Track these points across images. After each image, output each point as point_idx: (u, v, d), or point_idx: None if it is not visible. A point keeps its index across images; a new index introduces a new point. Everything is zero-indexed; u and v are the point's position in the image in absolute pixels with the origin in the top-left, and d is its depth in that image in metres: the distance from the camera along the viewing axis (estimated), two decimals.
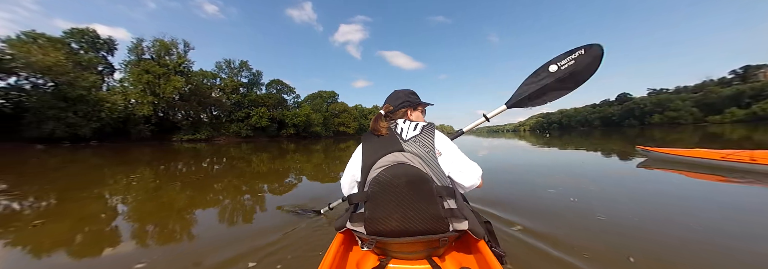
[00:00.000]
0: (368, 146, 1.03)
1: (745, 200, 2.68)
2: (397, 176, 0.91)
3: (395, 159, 0.94)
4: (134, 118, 31.30)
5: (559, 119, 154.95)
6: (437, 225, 0.91)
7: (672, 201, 2.67)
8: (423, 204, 0.90)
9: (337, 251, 0.97)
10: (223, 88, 46.06)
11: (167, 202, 3.14)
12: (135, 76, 32.50)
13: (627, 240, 1.77)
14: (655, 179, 3.82)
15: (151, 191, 3.76)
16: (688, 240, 1.75)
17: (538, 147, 10.78)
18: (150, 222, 2.43)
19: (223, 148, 16.14)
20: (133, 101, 32.41)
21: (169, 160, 8.45)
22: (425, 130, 1.04)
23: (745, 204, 2.53)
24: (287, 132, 50.31)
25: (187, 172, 5.81)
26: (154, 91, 33.07)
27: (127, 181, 4.59)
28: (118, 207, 2.99)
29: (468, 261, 1.00)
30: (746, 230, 1.92)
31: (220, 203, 3.12)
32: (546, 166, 5.48)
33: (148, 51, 35.65)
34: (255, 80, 52.15)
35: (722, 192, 3.03)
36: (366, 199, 0.94)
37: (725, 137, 12.05)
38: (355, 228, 0.98)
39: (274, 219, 2.41)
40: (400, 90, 1.24)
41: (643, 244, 1.70)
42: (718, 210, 2.38)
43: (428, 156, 0.95)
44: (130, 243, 1.97)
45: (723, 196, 2.85)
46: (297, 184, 4.36)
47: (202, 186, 4.05)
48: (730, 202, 2.60)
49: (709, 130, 21.11)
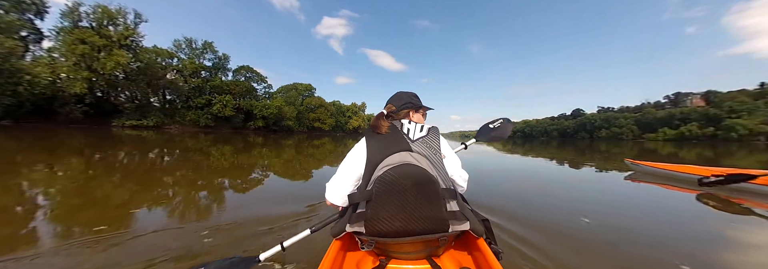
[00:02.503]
0: (373, 144, 1.00)
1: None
2: (404, 176, 0.88)
3: (402, 159, 0.92)
4: (63, 95, 26.07)
5: (522, 128, 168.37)
6: (439, 226, 0.91)
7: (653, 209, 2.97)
8: (427, 205, 0.89)
9: (336, 252, 0.95)
10: (181, 70, 40.66)
11: (101, 198, 2.66)
12: (67, 45, 27.07)
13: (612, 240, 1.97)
14: (641, 192, 3.94)
15: (82, 183, 3.22)
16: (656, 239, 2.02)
17: (508, 154, 11.13)
18: (77, 221, 2.01)
19: (176, 138, 14.81)
20: (63, 76, 26.88)
21: (107, 148, 7.42)
22: (432, 132, 1.05)
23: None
24: (255, 124, 46.26)
25: (130, 163, 5.06)
26: (91, 65, 27.76)
27: (50, 171, 3.89)
28: (36, 201, 2.52)
29: (467, 260, 1.00)
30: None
31: (171, 200, 2.69)
32: (520, 170, 6.15)
33: (86, 18, 29.95)
34: (221, 64, 47.05)
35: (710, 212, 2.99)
36: (369, 198, 0.91)
37: (657, 152, 14.13)
38: (355, 229, 0.94)
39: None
40: (403, 91, 1.24)
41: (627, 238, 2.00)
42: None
43: (435, 157, 0.97)
44: (49, 241, 1.64)
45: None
46: (263, 181, 4.04)
47: (150, 180, 3.58)
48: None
49: (645, 146, 24.39)
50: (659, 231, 2.19)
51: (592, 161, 8.21)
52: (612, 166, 6.69)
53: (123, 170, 4.30)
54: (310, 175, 4.69)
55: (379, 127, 1.04)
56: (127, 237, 1.73)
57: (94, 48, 28.03)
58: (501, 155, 10.34)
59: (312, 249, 1.56)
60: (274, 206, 2.51)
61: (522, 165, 7.36)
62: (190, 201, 2.66)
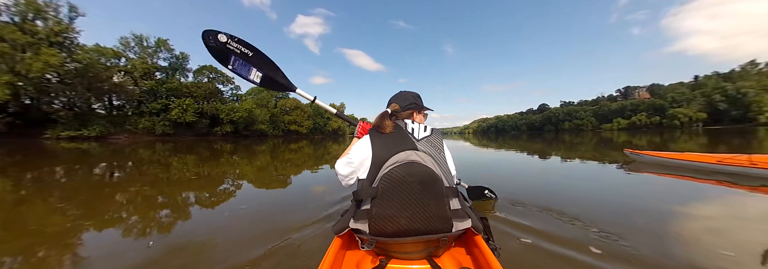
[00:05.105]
0: (378, 142, 0.99)
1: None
2: (410, 174, 0.89)
3: (408, 157, 0.92)
4: None
5: (495, 124, 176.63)
6: (443, 225, 0.91)
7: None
8: (432, 204, 0.90)
9: (336, 252, 0.94)
10: (130, 71, 36.02)
11: (36, 228, 2.09)
12: None
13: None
14: (647, 181, 3.76)
15: (8, 209, 2.70)
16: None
17: (492, 149, 10.90)
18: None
19: (127, 149, 12.69)
20: None
21: (39, 166, 6.33)
22: (435, 132, 1.06)
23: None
24: (223, 130, 42.40)
25: (69, 183, 4.28)
26: (14, 67, 23.32)
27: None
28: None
29: (466, 259, 1.00)
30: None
31: (126, 221, 2.28)
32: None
33: (6, 11, 25.20)
34: (178, 64, 42.61)
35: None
36: (374, 196, 0.90)
37: (614, 140, 14.68)
38: (357, 227, 0.94)
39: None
40: (407, 91, 1.24)
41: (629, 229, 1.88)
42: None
43: (440, 157, 0.97)
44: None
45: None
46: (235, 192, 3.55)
47: (96, 201, 2.97)
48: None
49: (603, 135, 26.23)
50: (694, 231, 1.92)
51: (570, 153, 8.22)
52: (594, 157, 6.50)
53: (60, 189, 3.65)
54: (288, 182, 4.33)
55: (383, 127, 1.03)
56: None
57: (15, 46, 23.58)
58: (482, 151, 9.91)
59: (312, 248, 1.57)
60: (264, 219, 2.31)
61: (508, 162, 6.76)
62: (150, 221, 2.31)
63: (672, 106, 78.34)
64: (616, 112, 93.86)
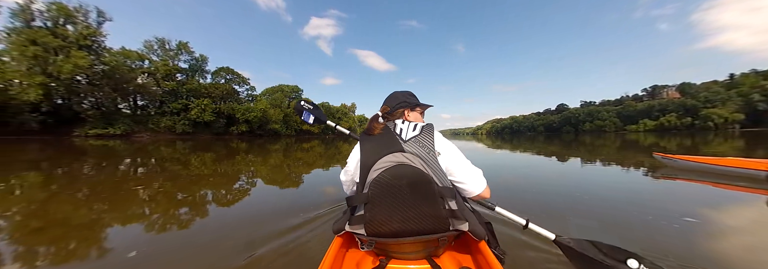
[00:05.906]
0: (366, 146, 0.98)
1: None
2: (398, 177, 0.87)
3: (395, 159, 0.90)
4: (14, 104, 22.98)
5: (510, 124, 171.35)
6: (438, 225, 0.90)
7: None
8: (424, 205, 0.88)
9: (336, 252, 0.94)
10: (153, 73, 37.61)
11: (62, 218, 2.27)
12: (17, 48, 23.96)
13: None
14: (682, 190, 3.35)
15: (41, 201, 2.81)
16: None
17: (512, 152, 10.22)
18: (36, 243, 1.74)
19: (150, 147, 13.22)
20: (15, 82, 23.86)
21: (69, 161, 6.66)
22: (425, 130, 1.01)
23: None
24: (238, 129, 43.52)
25: (98, 177, 4.42)
26: (47, 69, 24.81)
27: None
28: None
29: (468, 261, 0.99)
30: None
31: (147, 217, 2.33)
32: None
33: (40, 16, 26.84)
34: (198, 66, 44.14)
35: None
36: (366, 201, 0.91)
37: (640, 143, 14.15)
38: (354, 231, 0.95)
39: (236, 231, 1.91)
40: (398, 91, 1.22)
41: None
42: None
43: (429, 156, 0.93)
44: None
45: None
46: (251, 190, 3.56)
47: (121, 197, 3.04)
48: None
49: (628, 137, 24.72)
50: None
51: (595, 156, 7.54)
52: (630, 163, 5.59)
53: (88, 184, 3.77)
54: (301, 181, 4.32)
55: (371, 129, 1.03)
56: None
57: (48, 49, 25.08)
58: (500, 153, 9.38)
59: (312, 248, 1.58)
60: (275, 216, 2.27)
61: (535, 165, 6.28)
62: (166, 216, 2.37)
63: (705, 107, 73.26)
64: (643, 112, 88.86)
